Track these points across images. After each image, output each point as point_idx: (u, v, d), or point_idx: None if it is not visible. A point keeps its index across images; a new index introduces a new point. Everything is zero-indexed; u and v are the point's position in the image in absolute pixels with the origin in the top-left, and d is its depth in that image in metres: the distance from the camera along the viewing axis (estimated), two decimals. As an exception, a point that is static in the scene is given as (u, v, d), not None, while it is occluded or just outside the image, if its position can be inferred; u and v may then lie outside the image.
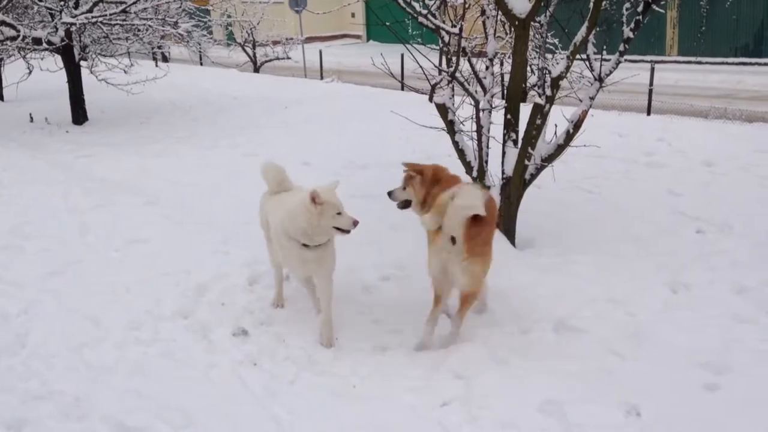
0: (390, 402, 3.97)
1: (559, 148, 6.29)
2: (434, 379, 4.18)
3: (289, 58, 25.36)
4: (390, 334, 4.79)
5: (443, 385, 4.11)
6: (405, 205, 5.38)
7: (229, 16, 26.46)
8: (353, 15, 36.97)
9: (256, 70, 25.29)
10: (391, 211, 7.54)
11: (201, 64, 25.44)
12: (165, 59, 24.65)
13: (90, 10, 11.45)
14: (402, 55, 15.78)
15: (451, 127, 6.48)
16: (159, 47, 16.53)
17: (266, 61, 25.82)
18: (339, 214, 4.56)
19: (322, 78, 21.69)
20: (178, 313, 5.16)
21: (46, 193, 8.20)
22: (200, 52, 20.99)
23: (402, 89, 17.89)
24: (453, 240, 4.30)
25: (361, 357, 4.51)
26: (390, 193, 5.42)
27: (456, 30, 5.87)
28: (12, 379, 4.13)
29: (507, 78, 6.67)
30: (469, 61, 6.46)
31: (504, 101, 6.37)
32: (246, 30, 25.84)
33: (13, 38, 11.24)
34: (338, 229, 4.58)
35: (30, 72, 12.77)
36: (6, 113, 14.17)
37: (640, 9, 5.92)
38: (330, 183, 4.71)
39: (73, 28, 11.94)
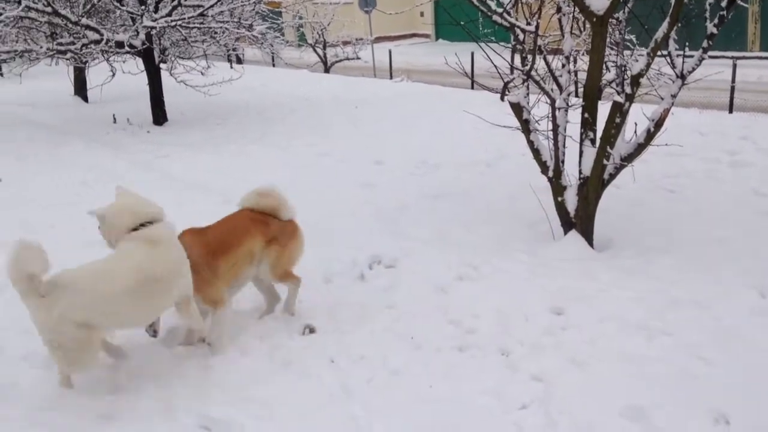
0: (466, 403, 3.94)
1: (640, 147, 6.13)
2: (511, 382, 4.12)
3: (358, 58, 25.54)
4: (466, 334, 4.75)
5: (520, 387, 4.05)
6: None
7: (300, 18, 26.80)
8: (422, 14, 36.91)
9: (327, 70, 25.57)
10: (465, 211, 7.55)
11: (273, 65, 25.86)
12: (239, 61, 25.14)
13: (169, 14, 11.80)
14: (472, 54, 15.67)
15: (526, 126, 6.39)
16: (234, 49, 16.87)
17: (336, 62, 26.08)
18: None
19: (391, 78, 21.74)
20: (256, 310, 5.24)
21: (127, 192, 8.46)
22: (273, 53, 21.32)
23: (472, 88, 17.80)
24: None
25: (437, 358, 4.49)
26: None
27: (532, 28, 5.79)
28: (102, 371, 4.26)
29: (583, 76, 6.54)
30: (545, 59, 6.37)
31: (581, 99, 6.26)
32: (317, 31, 26.15)
33: (97, 42, 11.67)
34: None
35: (113, 74, 13.22)
36: (90, 114, 14.71)
37: (724, 4, 5.72)
38: None
39: (154, 32, 12.31)
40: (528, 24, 6.03)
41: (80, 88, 16.85)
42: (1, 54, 12.55)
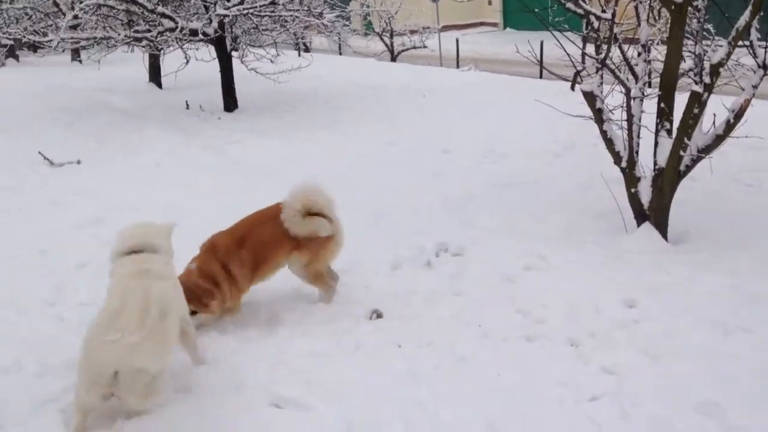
0: (535, 393, 3.91)
1: (718, 139, 5.95)
2: (582, 374, 4.07)
3: (425, 47, 25.50)
4: (535, 324, 4.71)
5: (592, 380, 3.99)
6: None
7: (367, 6, 26.89)
8: (490, 2, 36.54)
9: (393, 59, 25.58)
10: (534, 201, 7.47)
11: (340, 53, 26.03)
12: (307, 49, 25.38)
13: (241, 2, 12.00)
14: (542, 43, 15.44)
15: (599, 116, 6.27)
16: (302, 37, 17.06)
17: (403, 50, 26.07)
18: None
19: (458, 66, 21.62)
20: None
21: (200, 176, 8.69)
22: (340, 42, 21.46)
23: (541, 77, 17.55)
24: None
25: (505, 346, 4.46)
26: None
27: (608, 15, 5.68)
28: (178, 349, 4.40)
29: (658, 66, 6.38)
30: (620, 47, 6.24)
31: (656, 89, 6.11)
32: (384, 19, 26.17)
33: (172, 29, 11.96)
34: None
35: (187, 62, 13.53)
36: (164, 100, 15.10)
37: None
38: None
39: (226, 20, 12.56)
40: (603, 11, 5.91)
41: (155, 75, 17.30)
42: (81, 41, 12.97)
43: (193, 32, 12.28)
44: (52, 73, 19.84)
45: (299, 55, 21.64)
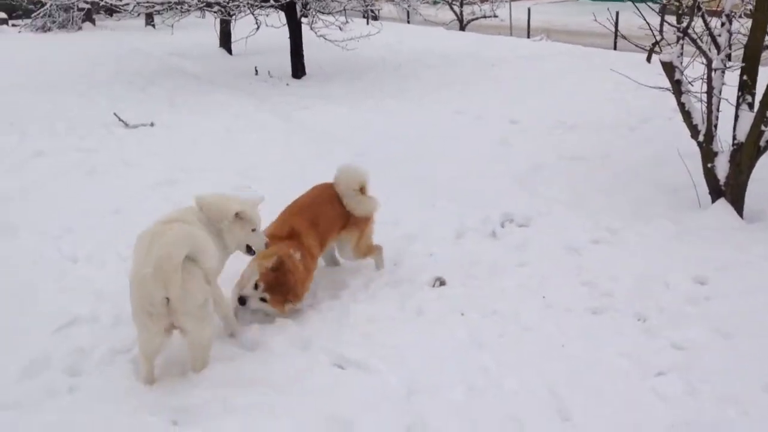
0: (600, 365, 3.87)
1: (803, 114, 5.70)
2: (649, 347, 4.00)
3: (496, 16, 25.07)
4: (601, 297, 4.65)
5: (659, 355, 3.92)
6: None
7: (439, -26, 26.55)
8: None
9: (462, 28, 25.24)
10: (603, 174, 7.32)
11: (408, 22, 25.84)
12: (375, 17, 25.28)
13: (313, -32, 12.02)
14: (617, 13, 15.01)
15: (677, 87, 6.07)
16: (371, 5, 16.98)
17: (473, 19, 25.68)
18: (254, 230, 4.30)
19: (528, 36, 21.21)
20: (389, 260, 5.33)
21: (269, 141, 8.81)
22: (409, 9, 21.28)
23: (615, 48, 17.08)
24: None
25: (570, 318, 4.42)
26: None
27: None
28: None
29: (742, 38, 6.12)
30: (703, 17, 6.00)
31: (740, 61, 5.87)
32: (455, -12, 25.81)
33: (244, -5, 12.09)
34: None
35: (258, 27, 13.65)
36: (234, 66, 15.31)
37: None
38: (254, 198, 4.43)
39: (297, -14, 12.60)
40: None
41: (225, 41, 17.54)
42: (155, 5, 13.23)
43: (265, -2, 12.37)
44: (127, 37, 20.32)
45: (368, 23, 21.57)
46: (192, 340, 3.76)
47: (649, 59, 13.07)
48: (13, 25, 23.53)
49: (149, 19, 24.20)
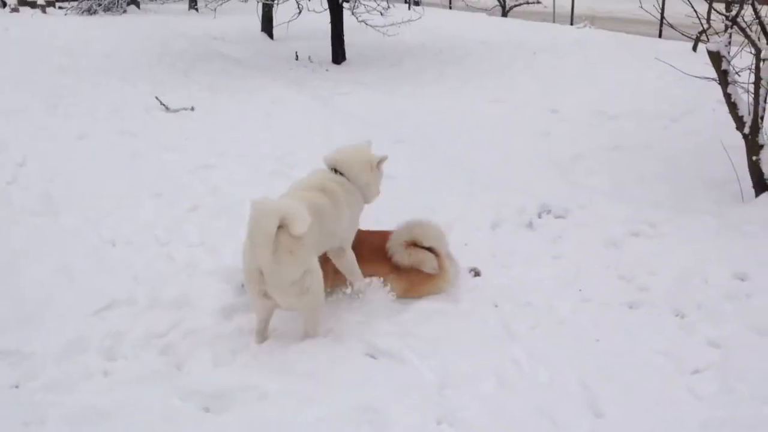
0: (635, 360, 3.82)
1: None
2: (685, 344, 3.93)
3: (538, 2, 24.67)
4: (637, 291, 4.58)
5: (695, 351, 3.85)
6: None
7: (482, -41, 26.21)
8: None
9: (504, 14, 24.92)
10: (644, 166, 7.19)
11: (450, 7, 25.61)
12: (417, 2, 25.11)
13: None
14: (663, 0, 14.67)
15: (724, 77, 5.92)
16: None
17: (515, 5, 25.32)
18: None
19: (572, 23, 20.86)
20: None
21: (308, 126, 8.82)
22: (451, -5, 21.12)
23: (660, 37, 16.72)
24: None
25: (605, 312, 4.37)
26: None
27: (743, -31, 5.32)
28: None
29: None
30: (753, 5, 5.83)
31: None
32: (498, -27, 25.46)
33: (286, -21, 12.10)
34: None
35: (300, 11, 13.66)
36: (275, 51, 15.36)
37: None
38: None
39: (339, -30, 12.57)
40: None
41: (267, 25, 17.59)
42: (199, -11, 13.32)
43: (307, -18, 12.37)
44: (170, 20, 20.49)
45: (409, 8, 21.45)
46: (289, 309, 4.00)
47: (695, 48, 12.76)
48: (60, 8, 23.91)
49: (192, 2, 24.39)
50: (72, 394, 3.60)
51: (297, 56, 14.41)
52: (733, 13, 5.66)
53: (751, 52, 5.79)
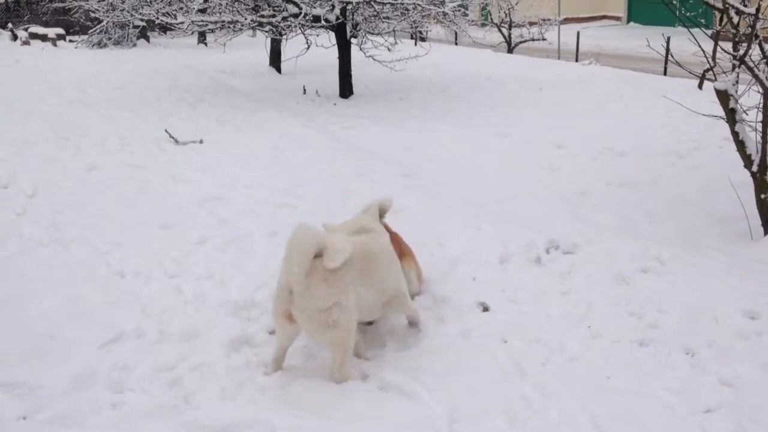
0: (646, 399, 3.79)
1: None
2: (697, 383, 3.90)
3: (544, 39, 24.94)
4: (648, 328, 4.54)
5: (707, 390, 3.82)
6: None
7: (488, -4, 26.58)
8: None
9: (510, 50, 25.18)
10: (652, 202, 7.20)
11: (456, 43, 25.88)
12: (423, 39, 25.37)
13: (364, -10, 12.14)
14: (668, 38, 14.81)
15: (732, 116, 5.96)
16: (420, 26, 17.06)
17: (521, 42, 25.61)
18: None
19: (577, 60, 21.05)
20: (431, 281, 5.31)
21: (314, 159, 8.87)
22: (457, 31, 21.34)
23: (665, 74, 16.84)
24: None
25: (616, 349, 4.34)
26: None
27: (752, 9, 5.37)
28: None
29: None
30: (760, 44, 5.89)
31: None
32: (503, 10, 25.78)
33: (296, 15, 12.25)
34: None
35: (308, 47, 13.81)
36: (283, 85, 15.50)
37: None
38: None
39: (349, 7, 12.72)
40: (745, 5, 5.60)
41: (275, 60, 17.77)
42: (209, 24, 13.48)
43: (316, 18, 12.51)
44: (180, 54, 20.72)
45: (416, 44, 21.67)
46: (313, 337, 4.08)
47: (700, 86, 12.86)
48: (71, 41, 24.21)
49: (201, 37, 24.68)
50: (80, 427, 3.58)
51: (305, 90, 14.54)
52: (741, 52, 5.71)
53: (758, 91, 5.83)
